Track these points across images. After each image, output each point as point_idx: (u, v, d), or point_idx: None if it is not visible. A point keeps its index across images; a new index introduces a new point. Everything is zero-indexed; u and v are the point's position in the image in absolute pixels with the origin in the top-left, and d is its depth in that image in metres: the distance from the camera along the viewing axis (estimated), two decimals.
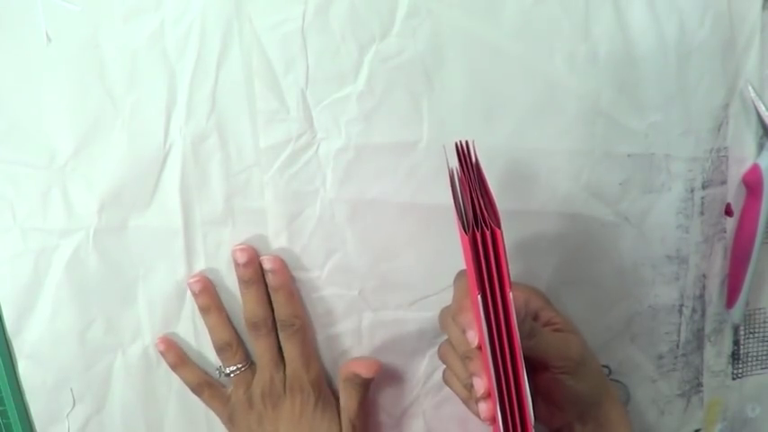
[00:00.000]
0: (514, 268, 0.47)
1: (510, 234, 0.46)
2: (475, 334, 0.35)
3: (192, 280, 0.45)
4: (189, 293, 0.46)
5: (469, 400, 0.41)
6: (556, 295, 0.48)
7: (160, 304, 0.46)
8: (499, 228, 0.31)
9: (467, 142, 0.36)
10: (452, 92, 0.44)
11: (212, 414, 0.48)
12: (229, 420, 0.47)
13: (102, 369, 0.47)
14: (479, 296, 0.32)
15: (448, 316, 0.42)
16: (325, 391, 0.46)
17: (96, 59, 0.42)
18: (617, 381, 0.51)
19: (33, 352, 0.46)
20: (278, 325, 0.45)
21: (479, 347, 0.35)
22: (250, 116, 0.43)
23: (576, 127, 0.45)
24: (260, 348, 0.45)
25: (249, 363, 0.47)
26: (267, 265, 0.44)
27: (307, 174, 0.44)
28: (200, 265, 0.46)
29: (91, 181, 0.44)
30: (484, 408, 0.36)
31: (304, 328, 0.45)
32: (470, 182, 0.33)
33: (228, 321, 0.46)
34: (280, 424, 0.45)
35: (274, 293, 0.45)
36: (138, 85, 0.43)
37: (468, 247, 0.31)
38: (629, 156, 0.46)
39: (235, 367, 0.46)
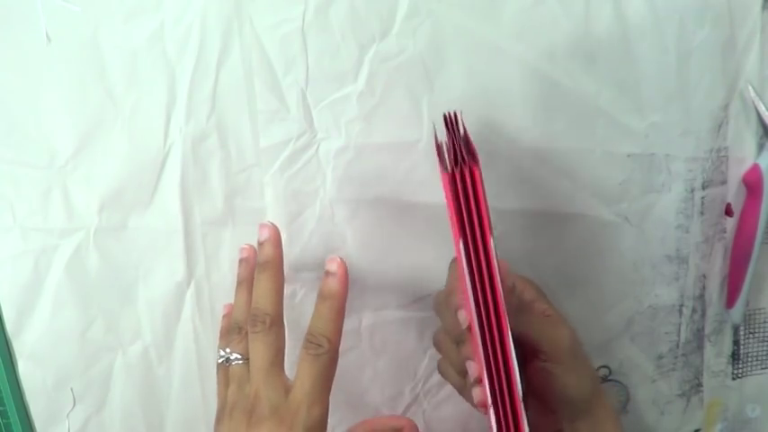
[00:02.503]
0: (515, 268, 0.47)
1: (510, 234, 0.46)
2: (467, 315, 0.35)
3: (242, 246, 0.43)
4: (189, 293, 0.46)
5: (464, 389, 0.40)
6: (556, 295, 0.48)
7: (160, 304, 0.46)
8: (478, 167, 0.31)
9: (455, 113, 0.36)
10: (452, 92, 0.44)
11: (211, 414, 0.48)
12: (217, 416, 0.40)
13: (102, 369, 0.47)
14: (461, 243, 0.31)
15: (441, 300, 0.42)
16: None
17: (96, 59, 0.42)
18: (617, 381, 0.51)
19: (33, 352, 0.46)
20: (305, 340, 0.38)
21: (470, 329, 0.35)
22: (250, 116, 0.43)
23: (576, 127, 0.45)
24: (260, 349, 0.38)
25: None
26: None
27: (307, 174, 0.44)
28: (200, 266, 0.46)
29: (91, 181, 0.44)
30: (477, 393, 0.35)
31: (332, 356, 0.38)
32: (455, 139, 0.33)
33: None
34: None
35: (321, 302, 0.39)
36: (138, 85, 0.43)
37: (449, 186, 0.31)
38: (629, 156, 0.46)
39: (239, 356, 0.39)
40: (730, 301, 0.51)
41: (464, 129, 0.36)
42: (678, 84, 0.45)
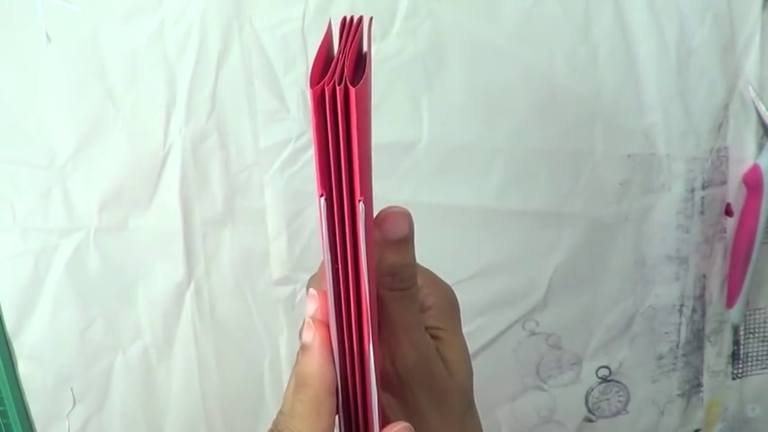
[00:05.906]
0: (514, 267, 0.47)
1: (510, 234, 0.46)
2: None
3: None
4: (189, 294, 0.46)
5: None
6: (556, 295, 0.48)
7: (160, 304, 0.46)
8: (354, 86, 0.21)
9: (360, 18, 0.27)
10: (452, 92, 0.44)
11: (211, 414, 0.48)
12: None
13: (102, 369, 0.47)
14: (323, 199, 0.22)
15: (315, 280, 0.31)
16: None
17: (96, 59, 0.42)
18: (617, 381, 0.51)
19: (33, 352, 0.46)
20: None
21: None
22: (250, 116, 0.43)
23: (576, 127, 0.45)
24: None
25: None
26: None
27: (307, 174, 0.44)
28: (199, 266, 0.46)
29: (91, 181, 0.44)
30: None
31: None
32: (345, 48, 0.24)
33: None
34: None
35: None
36: (138, 85, 0.43)
37: (315, 106, 0.22)
38: (629, 156, 0.46)
39: None
40: (730, 301, 0.51)
41: (367, 41, 0.27)
42: (678, 84, 0.45)
